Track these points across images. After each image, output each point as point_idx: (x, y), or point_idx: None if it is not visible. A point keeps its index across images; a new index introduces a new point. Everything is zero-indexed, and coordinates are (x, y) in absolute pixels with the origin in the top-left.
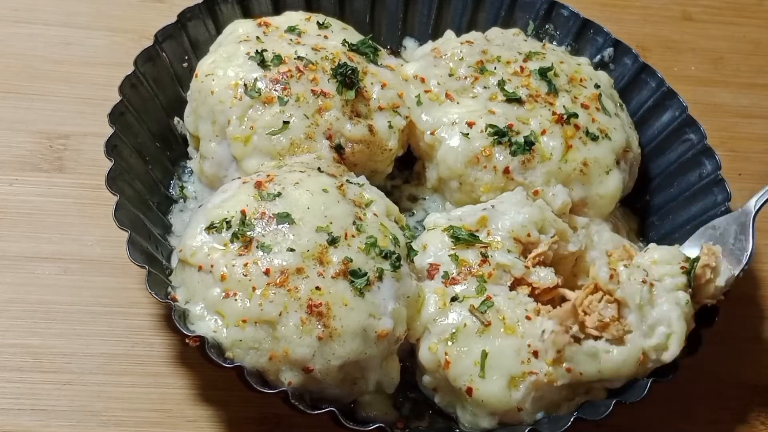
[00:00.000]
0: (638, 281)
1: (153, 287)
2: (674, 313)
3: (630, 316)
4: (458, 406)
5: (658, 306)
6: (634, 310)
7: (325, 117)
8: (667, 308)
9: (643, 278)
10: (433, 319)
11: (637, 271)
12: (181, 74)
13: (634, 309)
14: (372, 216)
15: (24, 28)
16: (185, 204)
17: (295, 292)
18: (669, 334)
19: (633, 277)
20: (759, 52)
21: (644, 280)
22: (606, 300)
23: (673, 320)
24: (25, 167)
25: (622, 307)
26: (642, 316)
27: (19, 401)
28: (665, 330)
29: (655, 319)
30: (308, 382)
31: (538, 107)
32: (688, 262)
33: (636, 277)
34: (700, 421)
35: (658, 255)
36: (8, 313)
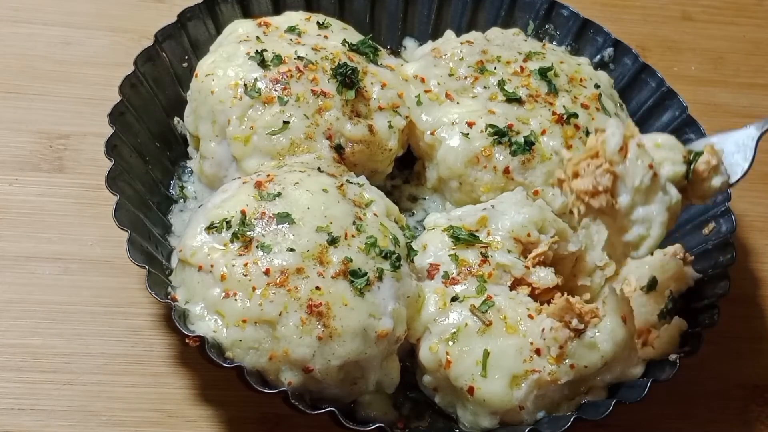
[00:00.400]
0: (645, 165)
1: (153, 287)
2: (660, 217)
3: (623, 196)
4: (459, 406)
5: (648, 204)
6: (629, 192)
7: (325, 117)
8: (655, 209)
9: (650, 163)
10: (433, 319)
11: (645, 155)
12: (181, 74)
13: (629, 191)
14: (372, 216)
15: (24, 27)
16: (185, 204)
17: (295, 292)
18: (645, 236)
19: (641, 159)
20: (759, 52)
21: (651, 166)
22: (605, 169)
23: (654, 224)
24: (25, 167)
25: (617, 184)
26: (632, 204)
27: (19, 401)
28: (642, 231)
29: (640, 217)
30: (308, 382)
31: (538, 107)
32: (691, 154)
33: (644, 160)
34: (700, 421)
35: (662, 139)
36: (8, 313)
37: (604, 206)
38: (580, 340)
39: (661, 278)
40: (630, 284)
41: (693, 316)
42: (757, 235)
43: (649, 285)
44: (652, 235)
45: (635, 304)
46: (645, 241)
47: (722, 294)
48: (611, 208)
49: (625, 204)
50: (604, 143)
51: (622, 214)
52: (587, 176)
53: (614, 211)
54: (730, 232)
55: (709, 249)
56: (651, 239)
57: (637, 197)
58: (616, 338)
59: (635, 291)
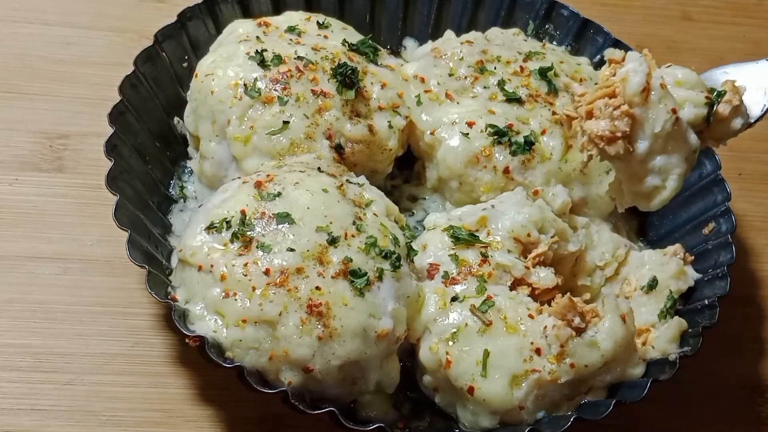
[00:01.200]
0: (667, 109)
1: (153, 287)
2: (678, 168)
3: (641, 143)
4: (459, 406)
5: (667, 153)
6: (648, 139)
7: (325, 117)
8: (674, 159)
9: (673, 107)
10: (433, 318)
11: (668, 97)
12: (181, 74)
13: (648, 137)
14: (372, 216)
15: (24, 27)
16: (185, 204)
17: (295, 292)
18: (660, 188)
19: (664, 102)
20: (759, 52)
21: (674, 110)
22: (623, 112)
23: (672, 175)
24: (25, 167)
25: (636, 128)
26: (650, 151)
27: (19, 401)
28: (657, 182)
29: (657, 166)
30: (308, 382)
31: (538, 107)
32: (712, 93)
33: (667, 103)
34: (701, 422)
35: (682, 75)
36: (8, 313)
37: (620, 153)
38: (581, 339)
39: (661, 278)
40: (630, 284)
41: (693, 316)
42: (756, 235)
43: (649, 285)
44: (668, 187)
45: (635, 303)
46: (659, 193)
47: (722, 294)
48: (627, 154)
49: (642, 151)
50: (624, 81)
51: (637, 161)
52: (603, 118)
53: (630, 157)
54: (729, 232)
55: (709, 249)
56: (666, 191)
57: (656, 144)
58: (615, 337)
59: (635, 291)
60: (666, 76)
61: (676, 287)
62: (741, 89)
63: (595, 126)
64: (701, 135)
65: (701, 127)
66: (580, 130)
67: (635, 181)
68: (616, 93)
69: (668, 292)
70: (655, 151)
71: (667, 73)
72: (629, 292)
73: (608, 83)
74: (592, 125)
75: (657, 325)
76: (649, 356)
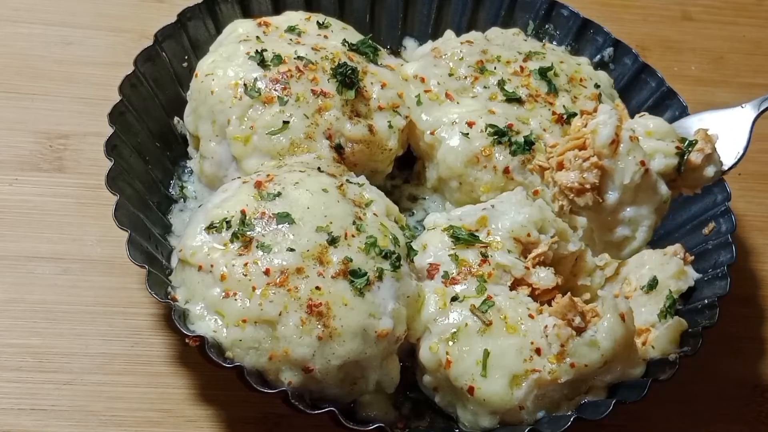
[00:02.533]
0: (636, 161)
1: (153, 287)
2: (648, 220)
3: (610, 194)
4: (459, 406)
5: (637, 204)
6: (617, 190)
7: (325, 117)
8: (644, 211)
9: (642, 159)
10: (433, 318)
11: (637, 149)
12: (181, 74)
13: (617, 188)
14: (372, 216)
15: (24, 27)
16: (185, 204)
17: (295, 292)
18: (630, 238)
19: (633, 155)
20: (759, 52)
21: (643, 162)
22: (593, 164)
23: (641, 227)
24: (25, 167)
25: (605, 179)
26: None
27: (19, 401)
28: (627, 233)
29: (627, 217)
30: (308, 382)
31: (538, 107)
32: (683, 142)
33: (636, 155)
34: (701, 421)
35: (654, 125)
36: (8, 312)
37: (590, 205)
38: (581, 338)
39: (661, 278)
40: (630, 284)
41: (693, 315)
42: (757, 235)
43: (649, 285)
44: (638, 238)
45: (635, 303)
46: (629, 243)
47: (722, 294)
48: (596, 205)
49: (612, 202)
50: (594, 133)
51: (607, 212)
52: (573, 169)
53: (599, 208)
54: (730, 232)
55: (709, 249)
56: (636, 242)
57: (625, 196)
58: (615, 336)
59: (635, 291)
60: (637, 127)
61: (676, 287)
62: (713, 137)
63: (565, 177)
64: (673, 183)
65: (672, 176)
66: (552, 180)
67: (605, 230)
68: (586, 145)
69: (668, 292)
70: (625, 202)
71: (639, 123)
72: (629, 292)
73: (579, 134)
74: (562, 177)
75: (657, 325)
76: (649, 356)
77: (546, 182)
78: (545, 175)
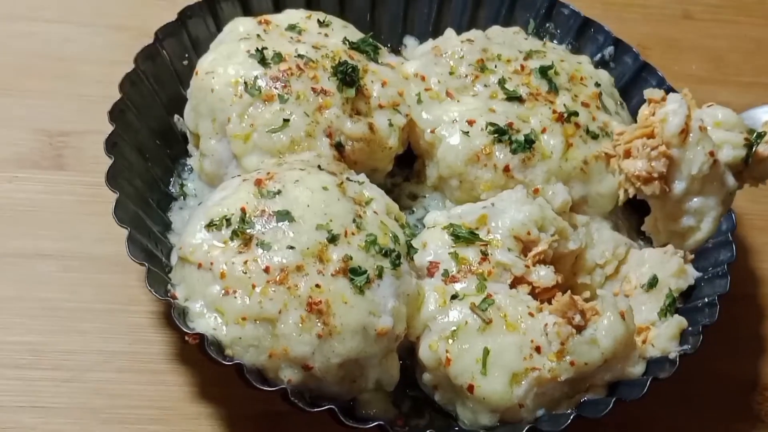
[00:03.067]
0: (705, 151)
1: (153, 285)
2: (714, 211)
3: (678, 183)
4: (458, 404)
5: (704, 195)
6: (685, 180)
7: (326, 115)
8: (711, 202)
9: (711, 150)
10: (433, 316)
11: (707, 140)
12: (182, 72)
13: (685, 178)
14: (372, 214)
15: (24, 25)
16: (185, 201)
17: (294, 290)
18: (695, 228)
19: (702, 145)
20: (760, 51)
21: (712, 153)
22: (661, 152)
23: (707, 218)
24: (25, 164)
25: (673, 169)
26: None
27: (19, 398)
28: (692, 223)
29: (693, 207)
30: (308, 380)
31: (539, 105)
32: (752, 134)
33: (705, 146)
34: (701, 420)
35: (722, 116)
36: (8, 310)
37: (657, 193)
38: (581, 336)
39: (661, 276)
40: (630, 282)
41: (693, 314)
42: (756, 234)
43: (650, 283)
44: (702, 230)
45: (635, 302)
46: (694, 234)
47: (722, 292)
48: (663, 194)
49: (679, 192)
50: (663, 122)
51: (673, 201)
52: (641, 158)
53: (666, 197)
54: (730, 231)
55: (709, 247)
56: (701, 233)
57: (693, 186)
58: (615, 334)
59: (635, 289)
60: (705, 117)
61: (676, 285)
62: None
63: (632, 166)
64: (740, 175)
65: (740, 167)
66: (618, 168)
67: (671, 220)
68: (655, 133)
69: (668, 291)
70: (692, 192)
71: (707, 113)
72: (629, 291)
73: (647, 123)
74: (630, 165)
75: (657, 324)
76: (649, 354)
77: (612, 170)
78: (611, 163)
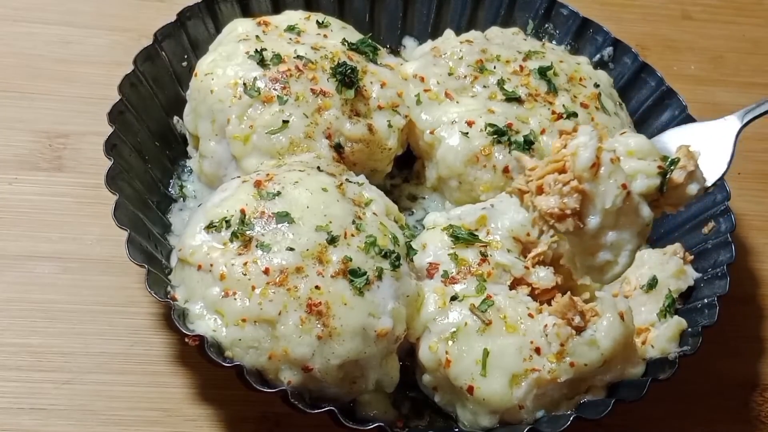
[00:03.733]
0: (618, 184)
1: (152, 286)
2: (630, 245)
3: (592, 218)
4: (458, 405)
5: (618, 228)
6: (599, 214)
7: (325, 116)
8: (626, 235)
9: (623, 182)
10: (433, 318)
11: (619, 172)
12: (181, 73)
13: (599, 213)
14: (371, 215)
15: (24, 26)
16: (185, 203)
17: (294, 292)
18: (612, 263)
19: (614, 178)
20: (758, 51)
21: (624, 186)
22: (573, 188)
23: (624, 251)
24: (25, 166)
25: (586, 204)
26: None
27: (19, 400)
28: (609, 257)
29: (609, 241)
30: (308, 381)
31: (538, 106)
32: (665, 161)
33: (617, 178)
34: (700, 421)
35: (635, 144)
36: (7, 312)
37: (570, 230)
38: (581, 337)
39: (660, 277)
40: (630, 283)
41: (692, 315)
42: (756, 234)
43: (649, 284)
44: (620, 263)
45: (635, 303)
46: (612, 268)
47: (722, 293)
48: (578, 230)
49: (593, 227)
50: (574, 156)
51: (588, 236)
52: (553, 194)
53: (581, 233)
54: (729, 231)
55: (708, 248)
56: (618, 267)
57: (607, 220)
58: (615, 335)
59: (635, 290)
60: (618, 145)
61: (675, 286)
62: (695, 154)
63: (545, 202)
64: (656, 203)
65: (655, 196)
66: (531, 205)
67: (587, 255)
68: (566, 168)
69: (668, 291)
70: (607, 226)
71: (620, 142)
72: (629, 292)
73: (559, 156)
74: (542, 201)
75: (657, 324)
76: (649, 355)
77: (525, 206)
78: (524, 199)
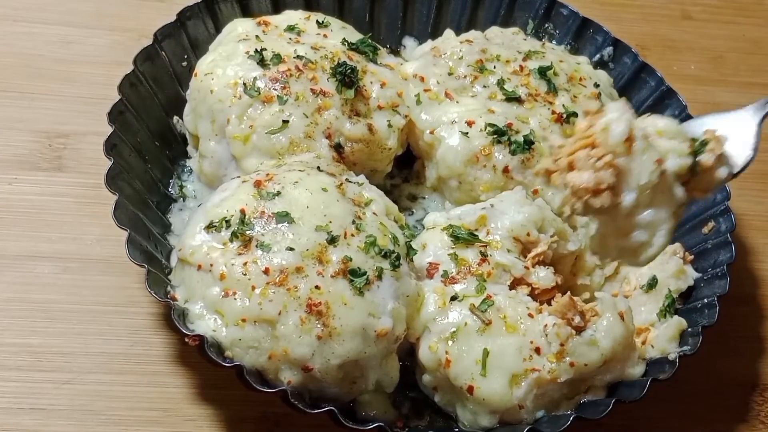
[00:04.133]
0: (652, 160)
1: (152, 286)
2: (666, 224)
3: (627, 195)
4: (458, 405)
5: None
6: (634, 191)
7: (325, 116)
8: (662, 214)
9: (658, 158)
10: (433, 318)
11: (652, 148)
12: (181, 73)
13: (634, 189)
14: (371, 215)
15: (24, 26)
16: (184, 203)
17: (294, 291)
18: (646, 243)
19: (647, 154)
20: (758, 51)
21: (659, 161)
22: (607, 163)
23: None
24: (25, 166)
25: (621, 180)
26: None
27: (19, 400)
28: (644, 238)
29: (645, 220)
30: (308, 381)
31: (538, 106)
32: (695, 142)
33: (651, 154)
34: (700, 421)
35: (663, 125)
36: (7, 312)
37: (606, 206)
38: (581, 337)
39: (660, 277)
40: (630, 283)
41: (692, 315)
42: (756, 234)
43: (649, 284)
44: (655, 244)
45: (635, 303)
46: (646, 250)
47: (721, 293)
48: (613, 207)
49: (629, 203)
50: (605, 131)
51: (623, 215)
52: (586, 169)
53: (615, 211)
54: (729, 231)
55: (708, 248)
56: (654, 248)
57: (642, 197)
58: (615, 335)
59: (635, 290)
60: (647, 126)
61: (675, 286)
62: (722, 138)
63: (578, 178)
64: (686, 186)
65: (686, 178)
66: (562, 183)
67: (621, 235)
68: (597, 144)
69: (668, 291)
70: (642, 204)
71: (648, 123)
72: (629, 291)
73: (587, 134)
74: (576, 177)
75: (657, 324)
76: (649, 355)
77: (555, 185)
78: (552, 179)
